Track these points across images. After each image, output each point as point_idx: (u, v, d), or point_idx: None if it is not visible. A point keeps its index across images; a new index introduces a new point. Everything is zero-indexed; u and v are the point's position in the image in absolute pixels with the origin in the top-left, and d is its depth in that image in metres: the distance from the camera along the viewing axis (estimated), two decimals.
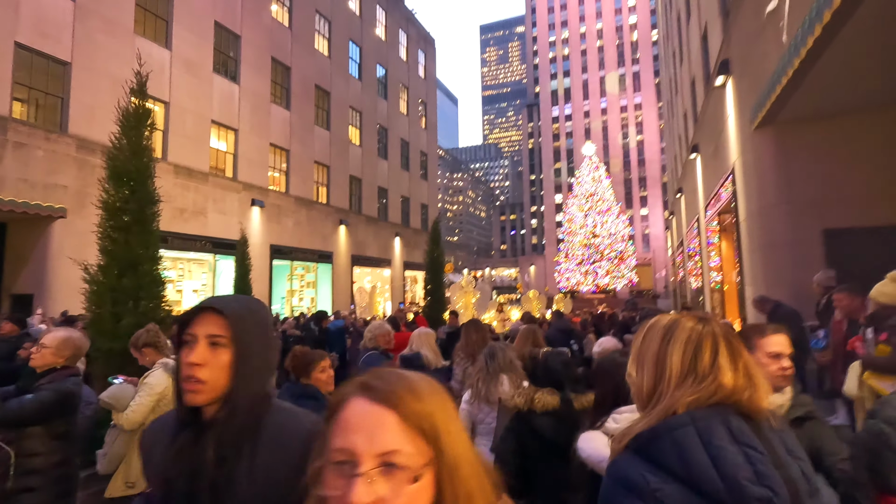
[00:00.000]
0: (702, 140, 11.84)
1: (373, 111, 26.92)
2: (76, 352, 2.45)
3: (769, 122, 6.08)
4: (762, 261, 6.45)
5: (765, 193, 6.30)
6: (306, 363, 2.77)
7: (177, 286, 18.26)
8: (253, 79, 18.63)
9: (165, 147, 15.08)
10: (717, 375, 1.04)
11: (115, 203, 3.73)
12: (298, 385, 2.73)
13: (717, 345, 1.08)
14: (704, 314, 1.26)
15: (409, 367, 3.84)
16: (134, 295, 3.61)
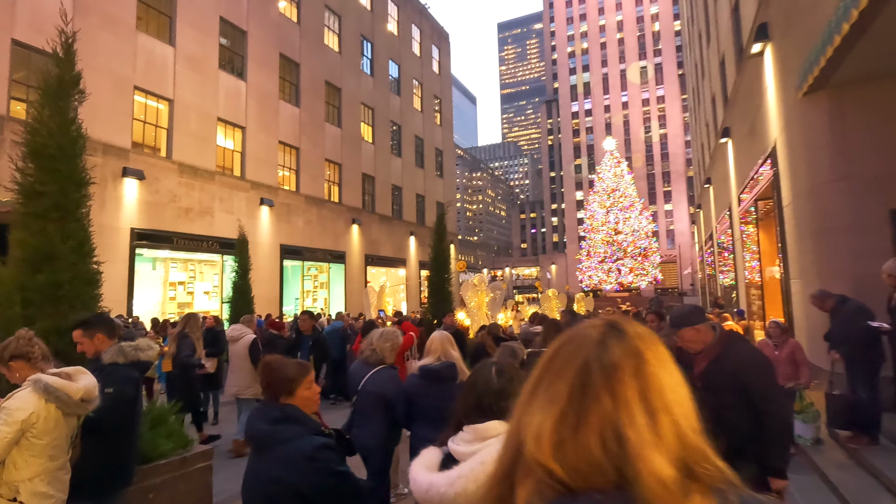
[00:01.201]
0: (734, 121, 10.84)
1: (385, 108, 26.36)
2: None
3: (820, 86, 5.18)
4: (814, 249, 5.53)
5: (817, 169, 5.39)
6: (287, 378, 2.12)
7: (188, 288, 18.01)
8: (260, 75, 18.23)
9: (170, 145, 14.73)
10: None
11: (33, 185, 3.09)
12: (275, 407, 2.07)
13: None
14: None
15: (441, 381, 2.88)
16: (52, 295, 2.97)
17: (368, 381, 3.43)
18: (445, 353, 3.30)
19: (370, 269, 23.82)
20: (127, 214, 13.26)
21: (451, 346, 3.37)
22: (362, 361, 3.59)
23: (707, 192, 17.51)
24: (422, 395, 3.15)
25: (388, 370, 3.49)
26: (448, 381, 3.15)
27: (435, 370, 3.18)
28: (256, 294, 17.06)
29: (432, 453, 1.45)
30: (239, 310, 10.25)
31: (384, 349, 3.53)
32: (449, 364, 3.23)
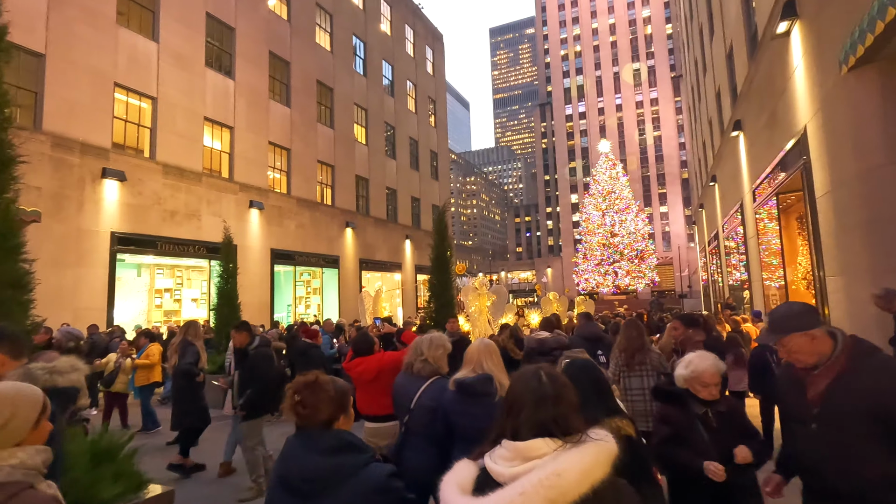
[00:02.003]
0: (747, 113, 10.32)
1: (379, 108, 25.78)
2: None
3: (871, 59, 4.62)
4: (864, 242, 4.96)
5: (867, 153, 4.83)
6: (342, 399, 1.81)
7: (175, 295, 17.27)
8: (249, 74, 17.59)
9: (154, 145, 14.04)
10: None
11: None
12: (329, 434, 1.74)
13: None
14: None
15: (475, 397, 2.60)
16: None
17: (424, 396, 2.95)
18: (480, 364, 2.78)
19: (365, 273, 23.15)
20: (107, 217, 12.54)
21: (490, 357, 2.83)
22: (411, 375, 3.12)
23: (711, 190, 17.01)
24: (458, 412, 2.72)
25: (442, 382, 3.00)
26: (483, 396, 2.65)
27: (468, 384, 2.70)
28: (246, 301, 16.36)
29: (466, 469, 1.29)
30: (225, 317, 9.56)
31: (437, 357, 3.06)
32: (485, 377, 2.71)
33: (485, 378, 2.70)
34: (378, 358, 3.60)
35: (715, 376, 2.33)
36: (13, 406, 1.39)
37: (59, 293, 11.37)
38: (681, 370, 2.42)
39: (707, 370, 2.33)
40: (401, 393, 3.10)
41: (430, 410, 2.88)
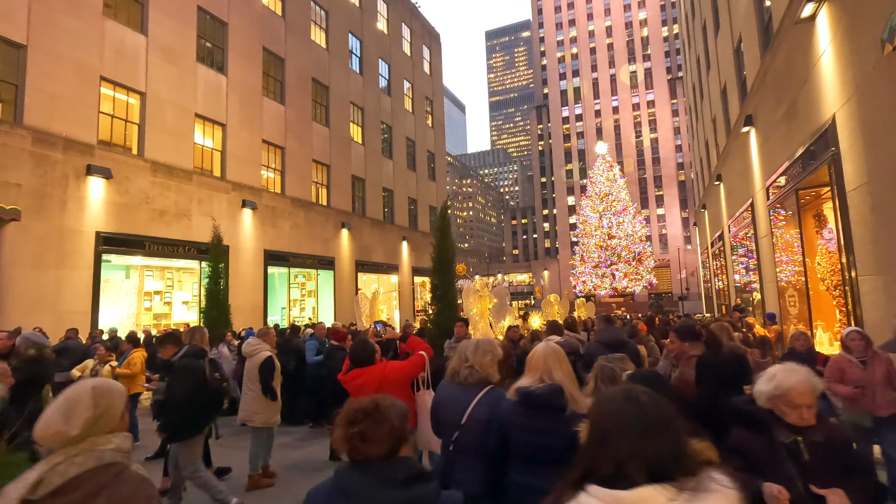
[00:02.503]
0: (761, 107, 9.93)
1: (376, 108, 25.32)
2: None
3: None
4: None
5: None
6: (404, 424, 1.62)
7: (165, 297, 16.73)
8: (242, 70, 17.10)
9: (141, 142, 13.51)
10: None
11: None
12: (397, 464, 1.54)
13: None
14: None
15: (542, 410, 2.23)
16: None
17: (479, 408, 2.51)
18: (548, 372, 2.37)
19: (361, 275, 22.64)
20: (92, 217, 12.00)
21: (560, 364, 2.40)
22: (457, 384, 2.67)
23: (716, 190, 16.65)
24: (518, 425, 2.34)
25: (497, 392, 2.59)
26: (554, 410, 2.26)
27: (537, 395, 2.29)
28: (239, 303, 15.84)
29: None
30: (213, 320, 9.06)
31: (485, 364, 2.63)
32: (554, 388, 2.30)
33: (555, 389, 2.27)
34: (380, 369, 3.07)
35: (807, 395, 1.86)
36: (110, 397, 1.60)
37: (40, 296, 10.83)
38: (763, 385, 1.94)
39: (796, 387, 1.87)
40: (447, 406, 2.64)
41: (484, 424, 2.47)
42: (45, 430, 1.51)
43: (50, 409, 1.55)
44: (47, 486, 1.41)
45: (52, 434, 1.50)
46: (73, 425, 1.50)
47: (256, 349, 5.52)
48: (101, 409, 1.57)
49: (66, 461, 1.47)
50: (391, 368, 3.07)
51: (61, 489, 1.42)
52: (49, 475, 1.44)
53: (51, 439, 1.50)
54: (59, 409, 1.53)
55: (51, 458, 1.48)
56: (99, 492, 1.44)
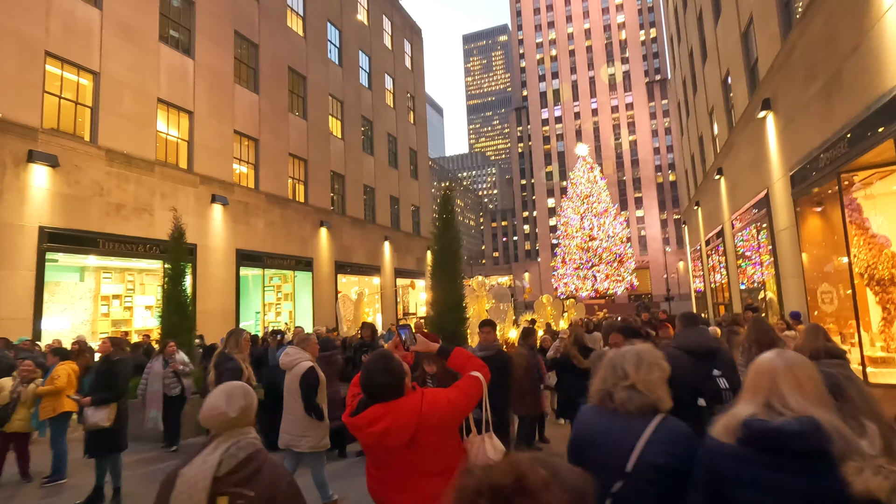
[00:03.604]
0: (782, 88, 9.17)
1: (356, 101, 24.10)
2: None
3: None
4: None
5: None
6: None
7: (125, 302, 15.19)
8: (211, 54, 15.71)
9: (94, 127, 12.04)
10: None
11: None
12: None
13: None
14: None
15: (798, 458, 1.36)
16: None
17: (651, 449, 1.68)
18: (780, 396, 1.40)
19: (341, 277, 21.35)
20: (34, 210, 10.51)
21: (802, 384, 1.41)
22: (609, 412, 1.83)
23: (715, 185, 16.00)
24: (750, 483, 1.40)
25: (676, 424, 1.76)
26: (813, 459, 1.32)
27: (787, 433, 1.34)
28: (209, 308, 14.44)
29: None
30: (174, 327, 7.77)
31: (653, 383, 1.77)
32: (810, 423, 1.33)
33: (812, 424, 1.33)
34: (414, 405, 1.89)
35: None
36: (252, 395, 1.88)
37: None
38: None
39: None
40: (598, 444, 1.80)
41: (664, 472, 1.64)
42: (211, 411, 1.79)
43: (213, 396, 1.83)
44: (226, 467, 1.69)
45: (218, 415, 1.78)
46: (232, 409, 1.78)
47: (296, 359, 4.64)
48: (248, 401, 1.84)
49: (233, 446, 1.74)
50: (432, 402, 1.88)
51: (235, 468, 1.69)
52: (226, 458, 1.71)
53: (216, 419, 1.78)
54: (222, 396, 1.82)
55: (218, 444, 1.75)
56: (259, 469, 1.72)
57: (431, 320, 5.79)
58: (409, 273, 27.30)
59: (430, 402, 1.85)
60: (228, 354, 4.93)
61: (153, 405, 6.83)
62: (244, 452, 1.72)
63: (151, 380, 6.94)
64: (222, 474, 1.67)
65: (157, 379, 6.93)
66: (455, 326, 5.83)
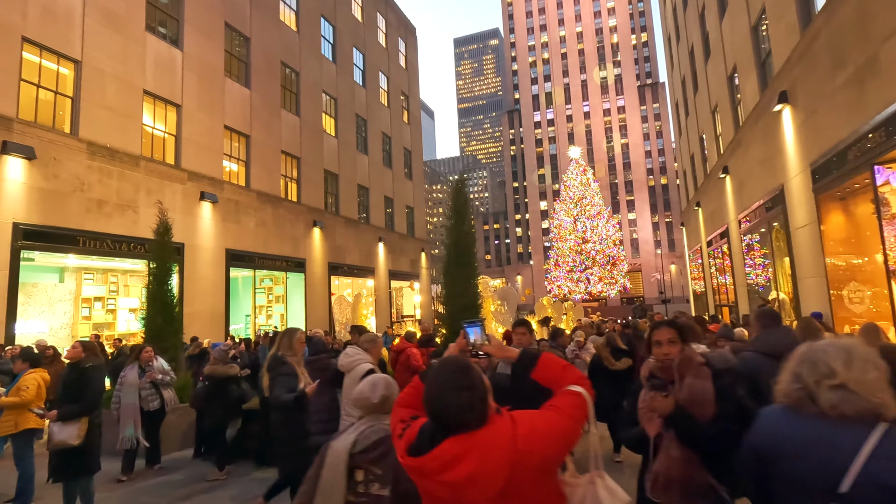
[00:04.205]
0: (802, 79, 8.80)
1: (350, 99, 23.54)
2: None
3: None
4: None
5: None
6: None
7: (108, 304, 14.47)
8: (201, 46, 15.08)
9: (75, 119, 11.36)
10: None
11: None
12: None
13: None
14: None
15: None
16: None
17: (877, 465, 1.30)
18: None
19: (334, 279, 20.72)
20: (8, 204, 9.81)
21: None
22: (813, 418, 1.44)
23: (719, 184, 15.67)
24: None
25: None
26: None
27: None
28: (197, 310, 13.76)
29: None
30: (158, 329, 7.15)
31: (871, 384, 1.37)
32: None
33: None
34: (506, 436, 1.30)
35: None
36: (393, 387, 2.16)
37: None
38: None
39: None
40: (791, 453, 1.44)
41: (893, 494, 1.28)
42: (358, 395, 2.16)
43: (362, 384, 2.17)
44: (360, 446, 1.98)
45: (363, 399, 2.12)
46: (375, 396, 2.11)
47: (355, 361, 4.21)
48: (389, 391, 2.12)
49: (368, 429, 2.03)
50: (530, 433, 1.29)
51: (367, 448, 1.97)
52: (360, 438, 2.00)
53: (361, 402, 2.14)
54: (368, 385, 2.14)
55: (358, 425, 2.07)
56: (388, 453, 1.91)
57: (444, 321, 5.22)
58: (403, 275, 26.72)
59: (528, 433, 1.28)
60: (282, 357, 4.38)
61: (128, 421, 5.89)
62: (375, 436, 1.98)
63: (125, 391, 5.98)
64: (357, 451, 1.94)
65: (131, 390, 5.98)
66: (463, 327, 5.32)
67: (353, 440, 1.97)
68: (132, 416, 5.88)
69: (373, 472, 1.90)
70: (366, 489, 1.91)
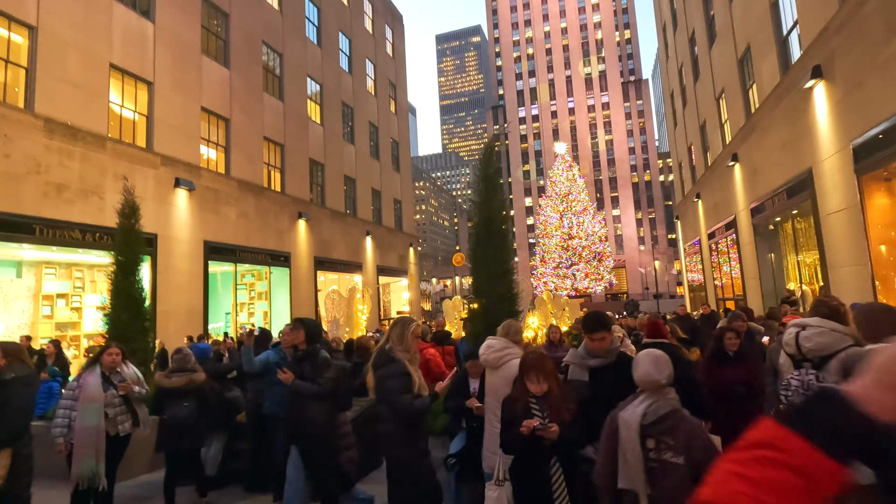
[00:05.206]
0: (840, 52, 8.12)
1: (336, 86, 22.38)
2: None
3: None
4: None
5: None
6: None
7: (72, 302, 13.16)
8: (175, 19, 13.81)
9: (30, 92, 10.07)
10: None
11: None
12: None
13: None
14: None
15: None
16: None
17: None
18: None
19: (320, 274, 19.60)
20: None
21: None
22: None
23: (726, 173, 15.06)
24: None
25: None
26: None
27: None
28: (172, 307, 12.55)
29: None
30: (124, 327, 6.06)
31: None
32: None
33: None
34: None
35: None
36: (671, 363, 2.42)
37: None
38: None
39: None
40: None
41: None
42: (645, 376, 2.31)
43: (646, 365, 2.32)
44: (649, 418, 2.19)
45: (652, 381, 2.28)
46: (662, 376, 2.29)
47: (505, 355, 3.34)
48: (670, 368, 2.32)
49: (654, 404, 2.23)
50: None
51: (656, 421, 2.18)
52: (650, 411, 2.20)
53: (648, 383, 2.29)
54: (651, 364, 2.31)
55: (643, 399, 2.26)
56: (678, 425, 2.19)
57: (475, 316, 4.28)
58: (391, 271, 25.70)
59: None
60: (390, 352, 3.47)
61: (86, 452, 4.16)
62: (663, 410, 2.22)
63: (84, 410, 4.24)
64: (647, 423, 2.21)
65: (92, 408, 4.26)
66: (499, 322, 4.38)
67: (643, 412, 2.18)
68: (93, 444, 4.20)
69: (665, 442, 2.12)
70: (658, 455, 2.13)
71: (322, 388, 3.90)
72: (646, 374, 2.26)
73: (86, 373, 4.50)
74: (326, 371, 3.97)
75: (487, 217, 4.69)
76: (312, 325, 4.26)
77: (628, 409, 2.24)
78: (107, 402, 4.36)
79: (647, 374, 2.25)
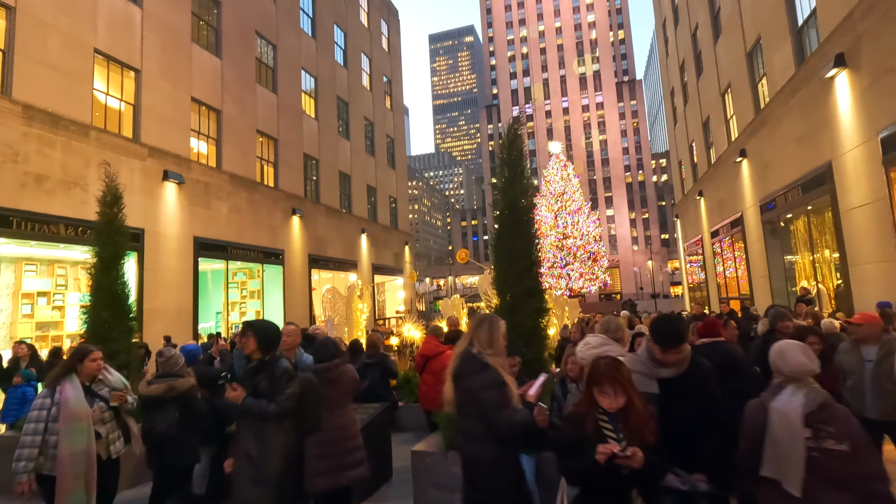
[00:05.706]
0: (867, 39, 7.76)
1: (331, 79, 21.82)
2: None
3: None
4: None
5: None
6: None
7: (54, 300, 12.51)
8: (164, 5, 13.21)
9: (7, 75, 9.44)
10: None
11: None
12: None
13: None
14: None
15: None
16: None
17: None
18: None
19: (315, 272, 19.04)
20: None
21: None
22: None
23: (732, 169, 14.73)
24: None
25: None
26: None
27: None
28: (160, 306, 11.94)
29: None
30: (105, 326, 5.52)
31: None
32: None
33: None
34: None
35: None
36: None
37: None
38: None
39: None
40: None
41: None
42: (800, 366, 2.25)
43: (796, 354, 2.28)
44: (810, 406, 2.16)
45: (806, 369, 2.24)
46: (815, 364, 2.25)
47: (605, 353, 2.74)
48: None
49: (810, 392, 2.18)
50: None
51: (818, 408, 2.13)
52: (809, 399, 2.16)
53: (803, 373, 2.23)
54: (801, 353, 2.27)
55: (795, 389, 2.21)
56: (834, 415, 2.14)
57: (500, 313, 3.82)
58: (387, 269, 25.17)
59: None
60: (480, 357, 2.76)
61: (73, 484, 3.39)
62: (820, 399, 2.17)
63: (69, 429, 3.45)
64: (808, 413, 2.13)
65: (79, 428, 3.49)
66: (533, 321, 3.91)
67: (802, 401, 2.15)
68: (82, 473, 3.41)
69: (825, 430, 2.09)
70: (817, 444, 2.08)
71: (281, 407, 3.07)
72: (801, 363, 2.21)
73: (64, 383, 3.60)
74: (287, 386, 3.14)
75: (512, 203, 4.21)
76: (265, 330, 3.36)
77: (781, 400, 2.19)
78: (95, 418, 3.60)
79: (801, 363, 2.20)
